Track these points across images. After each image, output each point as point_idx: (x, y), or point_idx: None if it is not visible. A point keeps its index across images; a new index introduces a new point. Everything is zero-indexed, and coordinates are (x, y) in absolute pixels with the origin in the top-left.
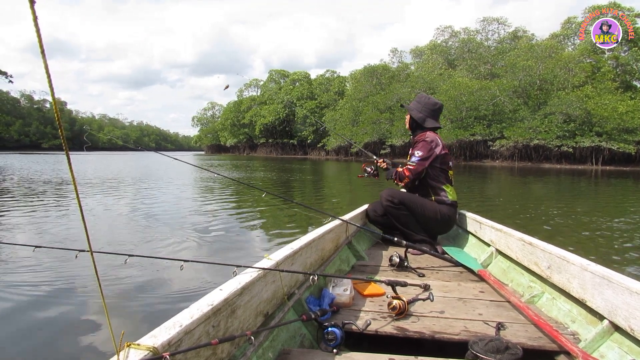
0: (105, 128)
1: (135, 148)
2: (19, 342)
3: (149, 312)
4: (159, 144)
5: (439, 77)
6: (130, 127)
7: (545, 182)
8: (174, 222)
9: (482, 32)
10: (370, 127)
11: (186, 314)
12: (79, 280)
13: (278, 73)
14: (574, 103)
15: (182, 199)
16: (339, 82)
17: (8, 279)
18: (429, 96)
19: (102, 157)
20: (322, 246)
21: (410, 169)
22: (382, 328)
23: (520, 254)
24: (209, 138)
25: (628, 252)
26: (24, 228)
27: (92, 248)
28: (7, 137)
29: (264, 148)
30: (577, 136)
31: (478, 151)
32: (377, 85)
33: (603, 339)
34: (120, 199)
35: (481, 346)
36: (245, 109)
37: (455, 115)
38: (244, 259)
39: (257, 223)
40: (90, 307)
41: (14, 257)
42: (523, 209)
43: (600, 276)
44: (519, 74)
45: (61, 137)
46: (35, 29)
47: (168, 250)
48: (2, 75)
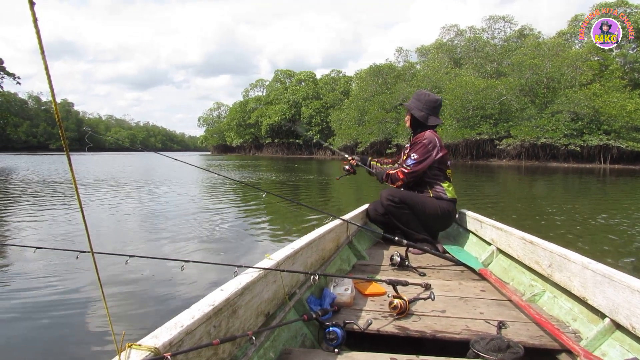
0: (112, 129)
1: (135, 148)
2: (21, 343)
3: (150, 312)
4: (165, 144)
5: (445, 76)
6: (136, 127)
7: (554, 181)
8: (175, 223)
9: (489, 30)
10: (376, 126)
11: (187, 314)
12: (80, 281)
13: (284, 73)
14: (582, 101)
15: (183, 199)
16: (344, 81)
17: (9, 280)
18: (428, 93)
19: (108, 157)
20: (323, 246)
21: (405, 172)
22: (384, 327)
23: (521, 253)
24: (215, 138)
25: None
26: (27, 229)
27: (94, 249)
28: (15, 138)
29: (270, 148)
30: (585, 134)
31: (485, 150)
32: (382, 84)
33: (604, 337)
34: (122, 199)
35: (482, 345)
36: (251, 109)
37: (461, 114)
38: (244, 259)
39: (258, 223)
40: (91, 308)
41: (15, 258)
42: (531, 210)
43: (602, 274)
44: (526, 72)
45: (61, 137)
46: (35, 30)
47: (169, 251)
48: (10, 77)
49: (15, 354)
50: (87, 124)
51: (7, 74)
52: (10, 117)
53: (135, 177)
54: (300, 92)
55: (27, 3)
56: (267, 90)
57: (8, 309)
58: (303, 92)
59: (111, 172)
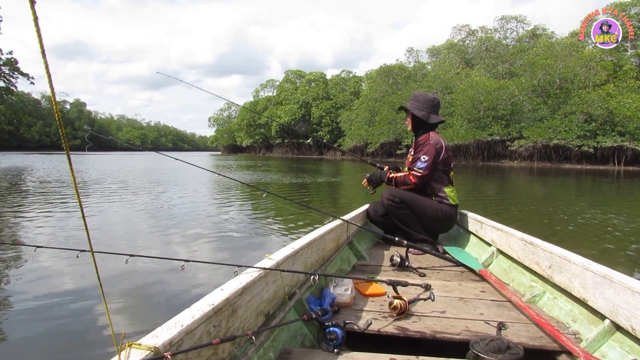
0: (124, 129)
1: (136, 148)
2: (20, 343)
3: (150, 312)
4: (175, 144)
5: (455, 77)
6: (147, 127)
7: (567, 183)
8: (176, 222)
9: (501, 30)
10: (387, 127)
11: (187, 314)
12: (80, 280)
13: (294, 73)
14: (595, 102)
15: (184, 199)
16: (354, 82)
17: (9, 279)
18: (425, 93)
19: (114, 157)
20: (323, 246)
21: (417, 175)
22: (383, 328)
23: (522, 254)
24: (225, 138)
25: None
26: (29, 228)
27: (94, 248)
28: (29, 138)
29: (280, 148)
30: (599, 136)
31: (496, 151)
32: (393, 85)
33: (604, 338)
34: (122, 200)
35: (482, 346)
36: (262, 109)
37: (472, 115)
38: (244, 259)
39: (258, 223)
40: (91, 307)
41: (16, 257)
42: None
43: (602, 276)
44: (538, 72)
45: (62, 137)
46: (35, 28)
47: (169, 250)
48: (24, 77)
49: (15, 353)
50: (99, 124)
51: (21, 74)
52: (24, 116)
53: (136, 177)
54: (311, 93)
55: (27, 3)
56: (277, 90)
57: (8, 309)
58: (313, 93)
59: (114, 171)
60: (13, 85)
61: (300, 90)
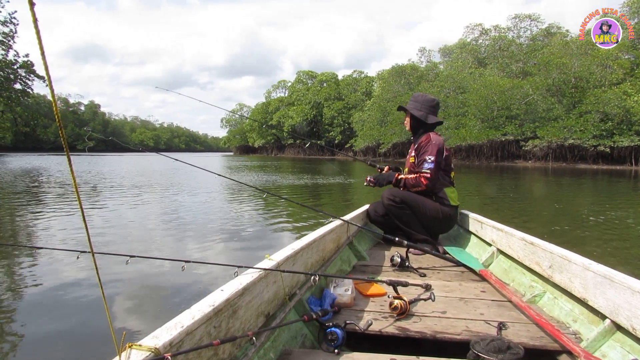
0: (137, 130)
1: (137, 149)
2: (21, 343)
3: (150, 312)
4: (188, 145)
5: (469, 76)
6: (160, 128)
7: (586, 185)
8: (176, 223)
9: (514, 29)
10: (399, 127)
11: (187, 315)
12: (81, 281)
13: (306, 74)
14: (612, 101)
15: (185, 199)
16: (366, 82)
17: (9, 280)
18: (425, 94)
19: (130, 158)
20: (323, 246)
21: (428, 177)
22: (384, 328)
23: (522, 254)
24: (237, 139)
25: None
26: (31, 229)
27: (95, 249)
28: (45, 139)
29: (292, 149)
30: (615, 135)
31: (510, 151)
32: (405, 85)
33: (605, 338)
34: (123, 200)
35: (483, 346)
36: (273, 110)
37: (486, 115)
38: (245, 260)
39: (259, 223)
40: (91, 308)
41: (16, 258)
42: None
43: (602, 276)
44: (553, 71)
45: (62, 137)
46: (35, 29)
47: (169, 251)
48: (40, 79)
49: (16, 353)
50: (113, 125)
51: (37, 77)
52: (40, 118)
53: (140, 178)
54: (322, 93)
55: (27, 3)
56: (289, 91)
57: (9, 310)
58: (325, 93)
59: (123, 173)
60: (29, 88)
61: (312, 90)
